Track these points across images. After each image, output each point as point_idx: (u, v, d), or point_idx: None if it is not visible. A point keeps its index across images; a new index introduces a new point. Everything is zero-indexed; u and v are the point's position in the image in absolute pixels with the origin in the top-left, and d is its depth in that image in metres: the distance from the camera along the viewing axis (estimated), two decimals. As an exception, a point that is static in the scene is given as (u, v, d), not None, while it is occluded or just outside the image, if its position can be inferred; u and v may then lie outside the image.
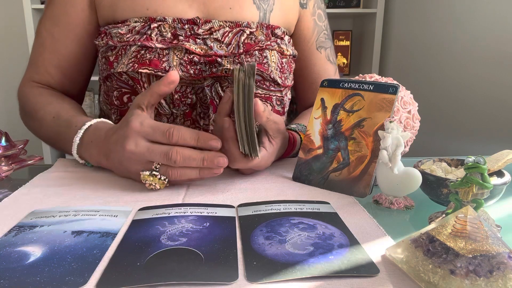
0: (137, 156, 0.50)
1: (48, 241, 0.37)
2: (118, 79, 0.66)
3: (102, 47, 0.68)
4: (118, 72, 0.65)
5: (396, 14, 1.95)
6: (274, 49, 0.70)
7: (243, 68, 0.52)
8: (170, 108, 0.67)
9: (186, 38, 0.64)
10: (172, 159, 0.49)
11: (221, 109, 0.53)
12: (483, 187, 0.37)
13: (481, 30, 1.35)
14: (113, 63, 0.66)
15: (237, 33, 0.67)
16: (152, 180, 0.50)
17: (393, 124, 0.46)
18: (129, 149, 0.50)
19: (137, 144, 0.50)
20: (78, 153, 0.58)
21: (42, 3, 1.95)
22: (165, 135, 0.50)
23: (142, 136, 0.50)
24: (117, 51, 0.66)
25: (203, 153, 0.50)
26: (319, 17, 0.81)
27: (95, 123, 0.58)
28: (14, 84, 0.96)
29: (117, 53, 0.65)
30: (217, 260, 0.34)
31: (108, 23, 0.68)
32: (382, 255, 0.35)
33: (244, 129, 0.49)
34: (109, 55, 0.66)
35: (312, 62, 0.82)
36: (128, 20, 0.65)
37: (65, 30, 0.70)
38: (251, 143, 0.49)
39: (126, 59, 0.64)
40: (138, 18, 0.65)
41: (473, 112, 1.40)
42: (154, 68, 0.63)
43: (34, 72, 0.74)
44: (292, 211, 0.44)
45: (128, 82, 0.65)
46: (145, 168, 0.50)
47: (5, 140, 0.56)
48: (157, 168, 0.50)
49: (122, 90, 0.67)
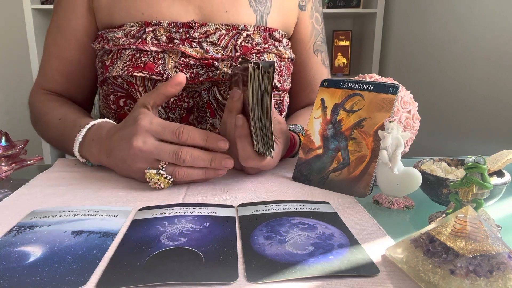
0: (144, 153, 0.50)
1: (48, 241, 0.37)
2: (114, 83, 0.66)
3: (99, 51, 0.69)
4: (113, 76, 0.65)
5: (396, 14, 1.95)
6: (272, 52, 0.69)
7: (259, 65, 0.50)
8: (166, 112, 0.67)
9: (181, 42, 0.64)
10: (181, 158, 0.49)
11: (231, 107, 0.52)
12: (483, 187, 0.37)
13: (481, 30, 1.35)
14: (108, 67, 0.66)
15: (234, 36, 0.67)
16: (158, 179, 0.50)
17: (393, 124, 0.46)
18: (136, 146, 0.50)
19: (145, 141, 0.50)
20: (80, 151, 0.58)
21: (42, 3, 1.95)
22: (174, 134, 0.50)
23: (151, 134, 0.50)
24: (112, 55, 0.66)
25: (211, 154, 0.50)
26: (316, 20, 0.81)
27: (99, 123, 0.58)
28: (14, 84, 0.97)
29: (113, 57, 0.66)
30: (217, 260, 0.34)
31: (106, 28, 0.68)
32: (382, 255, 0.35)
33: (259, 127, 0.48)
34: (105, 59, 0.67)
35: (309, 65, 0.81)
36: (124, 25, 0.66)
37: (68, 36, 0.71)
38: (267, 142, 0.48)
39: (121, 63, 0.64)
40: (134, 23, 0.65)
41: (473, 112, 1.40)
42: (149, 71, 0.63)
43: (42, 80, 0.75)
44: (292, 211, 0.44)
45: (123, 86, 0.65)
46: (150, 167, 0.50)
47: (5, 140, 0.56)
48: (163, 167, 0.50)
49: (118, 94, 0.67)
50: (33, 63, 1.92)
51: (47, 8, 1.90)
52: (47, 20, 2.03)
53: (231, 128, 0.51)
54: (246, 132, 0.50)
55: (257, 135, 0.48)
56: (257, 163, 0.51)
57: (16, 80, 2.19)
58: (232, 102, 0.52)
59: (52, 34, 0.73)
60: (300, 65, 0.81)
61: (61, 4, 0.71)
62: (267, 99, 0.47)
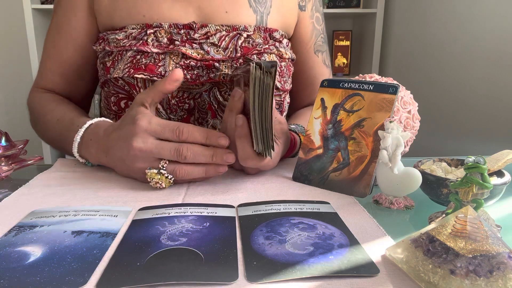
0: (145, 153, 0.50)
1: (48, 241, 0.37)
2: (115, 84, 0.66)
3: (100, 53, 0.69)
4: (115, 78, 0.65)
5: (396, 14, 1.95)
6: (273, 52, 0.69)
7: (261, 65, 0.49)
8: (167, 113, 0.67)
9: (182, 43, 0.64)
10: (183, 154, 0.49)
11: (232, 107, 0.52)
12: (483, 187, 0.37)
13: (481, 30, 1.35)
14: (109, 68, 0.66)
15: (234, 37, 0.67)
16: (160, 178, 0.50)
17: (393, 124, 0.46)
18: (136, 147, 0.50)
19: (145, 141, 0.50)
20: (79, 151, 0.58)
21: (42, 3, 1.95)
22: (174, 133, 0.50)
23: (150, 134, 0.50)
24: (113, 57, 0.66)
25: (212, 149, 0.50)
26: (317, 20, 0.81)
27: (96, 122, 0.58)
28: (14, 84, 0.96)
29: (114, 59, 0.66)
30: (217, 260, 0.34)
31: (107, 30, 0.68)
32: (382, 255, 0.35)
33: (260, 128, 0.48)
34: (106, 61, 0.67)
35: (309, 65, 0.81)
36: (125, 27, 0.66)
37: (66, 37, 0.71)
38: (267, 143, 0.48)
39: (122, 65, 0.64)
40: (135, 25, 0.66)
41: (473, 112, 1.40)
42: (150, 73, 0.63)
43: (40, 80, 0.76)
44: (292, 211, 0.44)
45: (124, 87, 0.66)
46: (151, 166, 0.50)
47: (5, 140, 0.56)
48: (164, 166, 0.50)
49: (119, 95, 0.67)
50: (33, 63, 1.92)
51: (47, 8, 1.90)
52: (47, 20, 2.03)
53: (231, 127, 0.51)
54: (246, 132, 0.49)
55: (257, 135, 0.48)
56: (256, 163, 0.51)
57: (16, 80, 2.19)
58: (233, 102, 0.52)
59: (51, 35, 0.73)
60: (301, 65, 0.81)
61: (61, 5, 0.71)
62: (268, 99, 0.47)
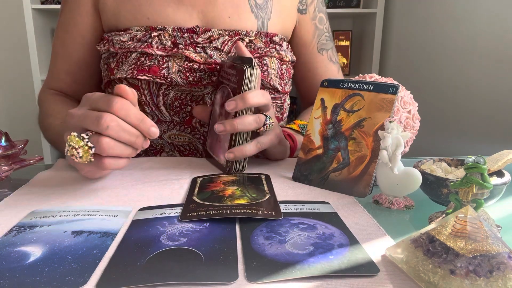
0: (73, 119, 0.47)
1: (48, 241, 0.37)
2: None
3: (104, 53, 0.70)
4: (118, 78, 0.66)
5: (396, 14, 1.95)
6: (274, 55, 0.71)
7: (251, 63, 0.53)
8: (170, 115, 0.68)
9: (186, 46, 0.66)
10: (105, 123, 0.44)
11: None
12: (483, 187, 0.37)
13: (481, 30, 1.35)
14: (114, 69, 0.67)
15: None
16: (77, 142, 0.44)
17: (393, 124, 0.46)
18: (68, 112, 0.47)
19: (79, 109, 0.47)
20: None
21: (42, 3, 1.95)
22: (106, 103, 0.45)
23: (88, 103, 0.47)
24: (118, 58, 0.67)
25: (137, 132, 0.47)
26: (320, 20, 0.81)
27: None
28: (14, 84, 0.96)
29: (118, 60, 0.67)
30: (217, 260, 0.34)
31: (111, 30, 0.69)
32: (382, 255, 0.35)
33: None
34: (110, 62, 0.68)
35: (314, 65, 0.82)
36: (130, 29, 0.67)
37: (73, 36, 0.72)
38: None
39: (126, 66, 0.65)
40: (139, 27, 0.66)
41: (473, 112, 1.40)
42: (153, 74, 0.64)
43: (50, 79, 0.77)
44: (292, 211, 0.44)
45: None
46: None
47: (5, 140, 0.56)
48: (88, 135, 0.45)
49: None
50: (33, 63, 1.92)
51: (47, 8, 1.90)
52: (47, 20, 2.03)
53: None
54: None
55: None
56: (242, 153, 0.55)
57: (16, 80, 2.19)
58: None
59: (58, 34, 0.74)
60: (306, 67, 0.82)
61: (67, 3, 0.72)
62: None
